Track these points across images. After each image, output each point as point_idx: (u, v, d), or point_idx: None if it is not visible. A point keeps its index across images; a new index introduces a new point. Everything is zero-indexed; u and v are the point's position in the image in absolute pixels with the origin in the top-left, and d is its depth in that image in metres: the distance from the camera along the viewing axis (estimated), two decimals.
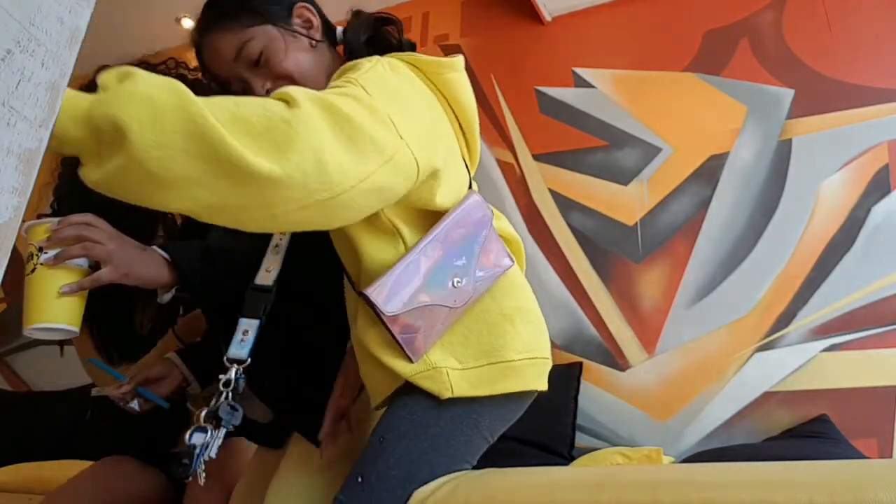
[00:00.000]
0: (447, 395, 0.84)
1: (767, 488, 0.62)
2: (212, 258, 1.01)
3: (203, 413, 0.85)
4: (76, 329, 0.93)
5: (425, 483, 0.83)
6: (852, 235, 1.97)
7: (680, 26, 2.44)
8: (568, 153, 2.44)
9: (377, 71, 0.82)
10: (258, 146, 0.65)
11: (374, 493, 0.79)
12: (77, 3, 0.58)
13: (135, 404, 1.20)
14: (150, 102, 0.62)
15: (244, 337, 0.92)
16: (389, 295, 0.81)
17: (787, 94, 2.20)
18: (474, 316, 0.90)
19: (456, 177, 0.91)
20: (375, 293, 0.81)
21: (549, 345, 0.97)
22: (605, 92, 2.48)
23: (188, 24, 3.39)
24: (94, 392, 1.28)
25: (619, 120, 2.41)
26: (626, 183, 2.32)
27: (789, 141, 2.15)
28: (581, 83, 2.53)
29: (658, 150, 2.32)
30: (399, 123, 0.76)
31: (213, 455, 0.82)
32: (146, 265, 0.97)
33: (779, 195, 2.10)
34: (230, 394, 0.88)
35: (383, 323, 0.83)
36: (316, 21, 1.01)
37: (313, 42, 0.98)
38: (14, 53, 0.51)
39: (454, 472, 0.87)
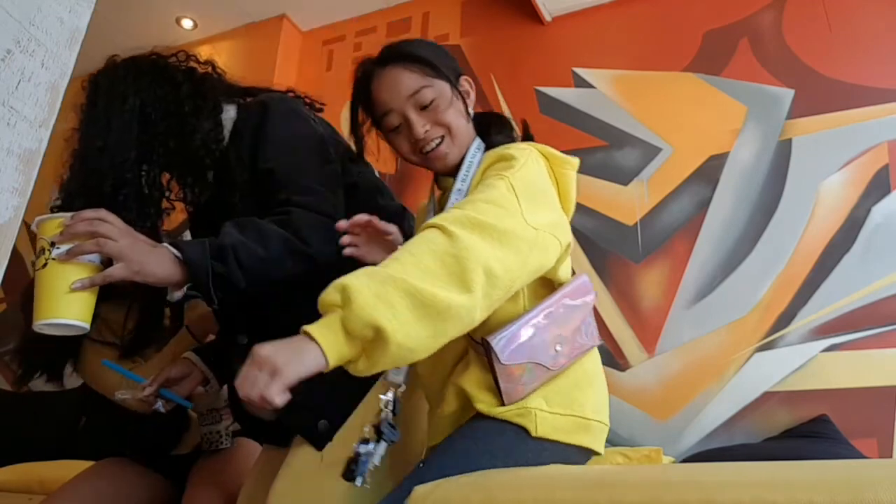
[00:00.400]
0: (533, 434, 0.95)
1: (767, 488, 0.62)
2: (222, 255, 1.00)
3: (367, 428, 0.95)
4: (87, 325, 0.94)
5: None
6: (852, 235, 1.97)
7: (680, 26, 2.44)
8: (568, 153, 2.44)
9: (528, 168, 0.99)
10: (448, 285, 0.81)
11: (432, 476, 0.90)
12: (77, 3, 0.58)
13: (159, 406, 1.21)
14: (379, 298, 0.78)
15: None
16: (506, 346, 0.95)
17: (787, 94, 2.20)
18: (563, 371, 1.03)
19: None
20: (496, 342, 0.94)
21: (608, 412, 1.09)
22: (605, 92, 2.48)
23: (188, 24, 3.39)
24: (117, 395, 1.28)
25: (619, 120, 2.41)
26: (626, 183, 2.32)
27: (789, 141, 2.15)
28: (581, 83, 2.53)
29: (658, 150, 2.32)
30: (536, 216, 0.94)
31: (376, 463, 0.93)
32: (158, 262, 0.97)
33: (779, 195, 2.10)
34: (390, 413, 0.97)
35: (492, 370, 0.96)
36: (472, 95, 1.16)
37: (468, 111, 1.13)
38: (14, 53, 0.51)
39: None
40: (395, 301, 0.78)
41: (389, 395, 0.97)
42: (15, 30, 0.52)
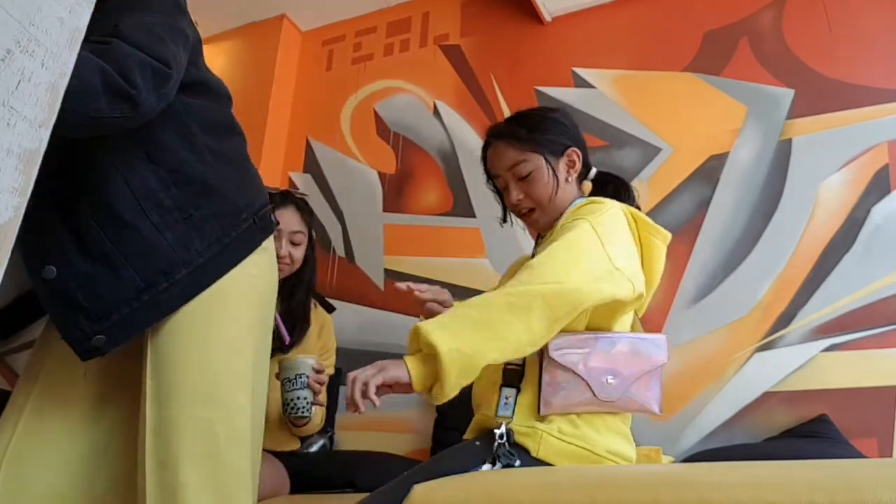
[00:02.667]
0: (533, 454, 1.00)
1: (767, 488, 0.62)
2: None
3: (485, 458, 1.02)
4: None
5: None
6: (852, 235, 1.97)
7: (680, 26, 2.44)
8: None
9: (609, 214, 1.10)
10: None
11: (422, 476, 0.97)
12: (77, 3, 0.58)
13: None
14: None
15: (507, 401, 1.09)
16: (560, 345, 1.03)
17: (787, 94, 2.20)
18: (602, 414, 1.09)
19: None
20: (553, 338, 1.02)
21: (633, 455, 1.13)
22: (605, 92, 2.48)
23: None
24: None
25: (619, 120, 2.41)
26: None
27: (789, 141, 2.15)
28: (581, 83, 2.53)
29: (658, 150, 2.32)
30: (615, 257, 1.03)
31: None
32: None
33: (779, 195, 2.10)
34: (505, 444, 1.04)
35: (540, 365, 1.04)
36: (578, 164, 1.29)
37: (568, 179, 1.27)
38: (14, 53, 0.51)
39: None
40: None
41: (503, 428, 1.04)
42: (15, 30, 0.52)
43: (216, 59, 3.38)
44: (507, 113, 2.62)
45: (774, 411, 1.91)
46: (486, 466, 0.99)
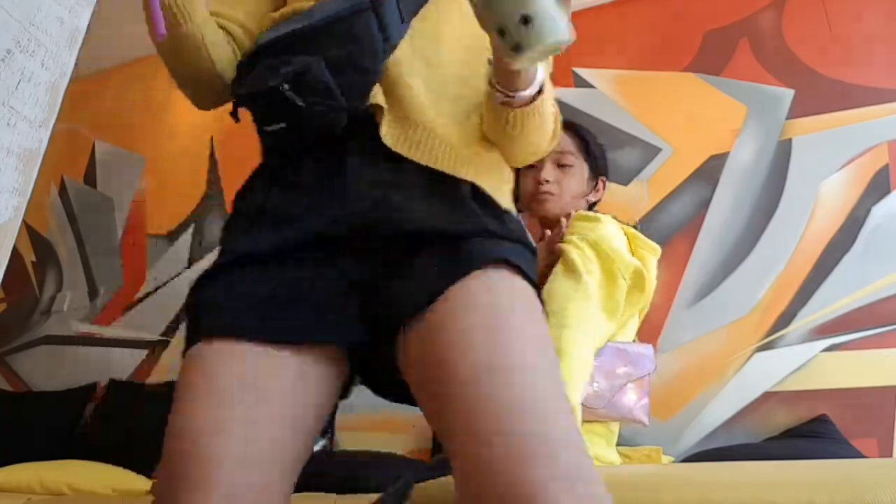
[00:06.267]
0: None
1: (767, 488, 0.62)
2: None
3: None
4: None
5: None
6: (852, 235, 1.97)
7: (680, 26, 2.44)
8: None
9: (606, 230, 1.20)
10: None
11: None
12: (77, 3, 0.58)
13: None
14: None
15: None
16: None
17: (787, 94, 2.20)
18: (592, 423, 1.12)
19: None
20: None
21: (616, 461, 1.15)
22: (605, 92, 2.48)
23: None
24: None
25: (619, 120, 2.41)
26: (626, 183, 2.32)
27: (789, 141, 2.15)
28: (581, 83, 2.53)
29: (658, 150, 2.32)
30: (598, 300, 1.11)
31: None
32: None
33: (779, 195, 2.10)
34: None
35: None
36: (601, 192, 1.46)
37: (589, 197, 1.42)
38: (14, 53, 0.51)
39: None
40: None
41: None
42: (15, 30, 0.52)
43: None
44: None
45: (774, 411, 1.91)
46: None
